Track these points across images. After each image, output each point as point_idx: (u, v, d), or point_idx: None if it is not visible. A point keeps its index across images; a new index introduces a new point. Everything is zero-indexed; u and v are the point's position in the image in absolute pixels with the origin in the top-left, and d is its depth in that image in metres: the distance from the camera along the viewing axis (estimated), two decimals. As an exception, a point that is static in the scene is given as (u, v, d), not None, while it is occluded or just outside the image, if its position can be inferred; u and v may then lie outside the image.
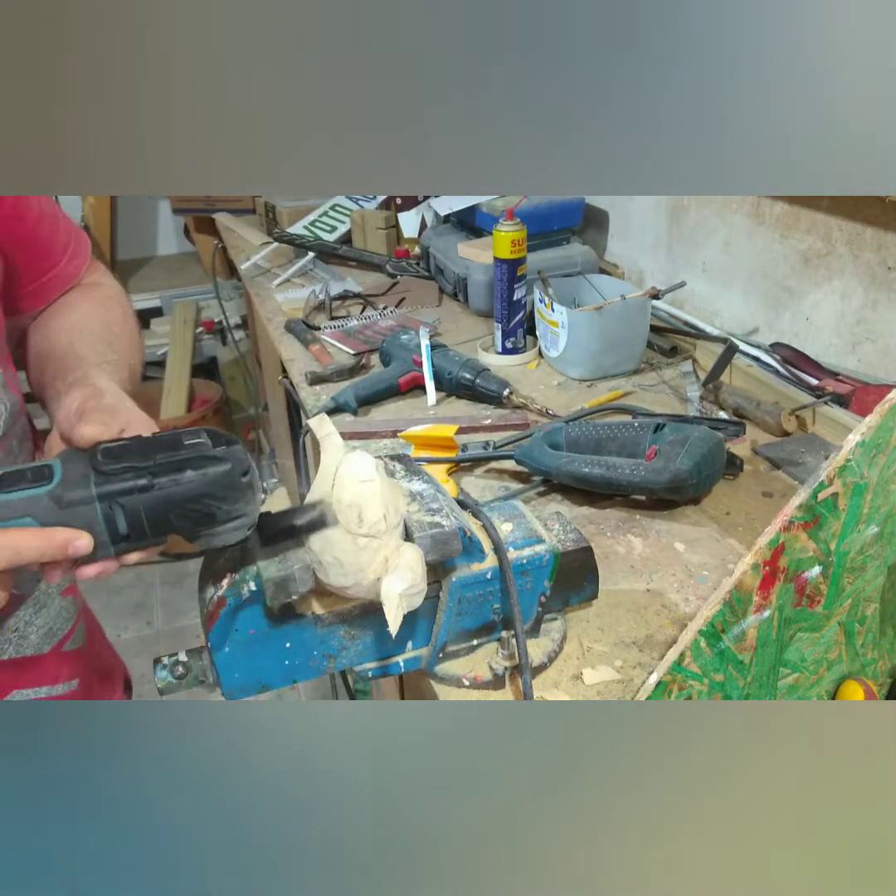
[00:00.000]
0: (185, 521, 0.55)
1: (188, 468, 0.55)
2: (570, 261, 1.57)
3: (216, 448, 0.56)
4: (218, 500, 0.55)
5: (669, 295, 1.40)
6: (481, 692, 0.71)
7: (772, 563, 0.61)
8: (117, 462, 0.54)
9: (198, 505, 0.55)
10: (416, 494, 0.68)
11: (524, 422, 1.18)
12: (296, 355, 1.47)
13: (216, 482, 0.55)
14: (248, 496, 0.57)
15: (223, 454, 0.56)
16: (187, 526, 0.56)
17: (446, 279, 1.68)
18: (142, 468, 0.54)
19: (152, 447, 0.55)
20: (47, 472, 0.53)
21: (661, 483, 0.91)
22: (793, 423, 1.11)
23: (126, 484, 0.54)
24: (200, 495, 0.55)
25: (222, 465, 0.55)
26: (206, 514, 0.55)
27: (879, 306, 1.11)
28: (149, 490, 0.54)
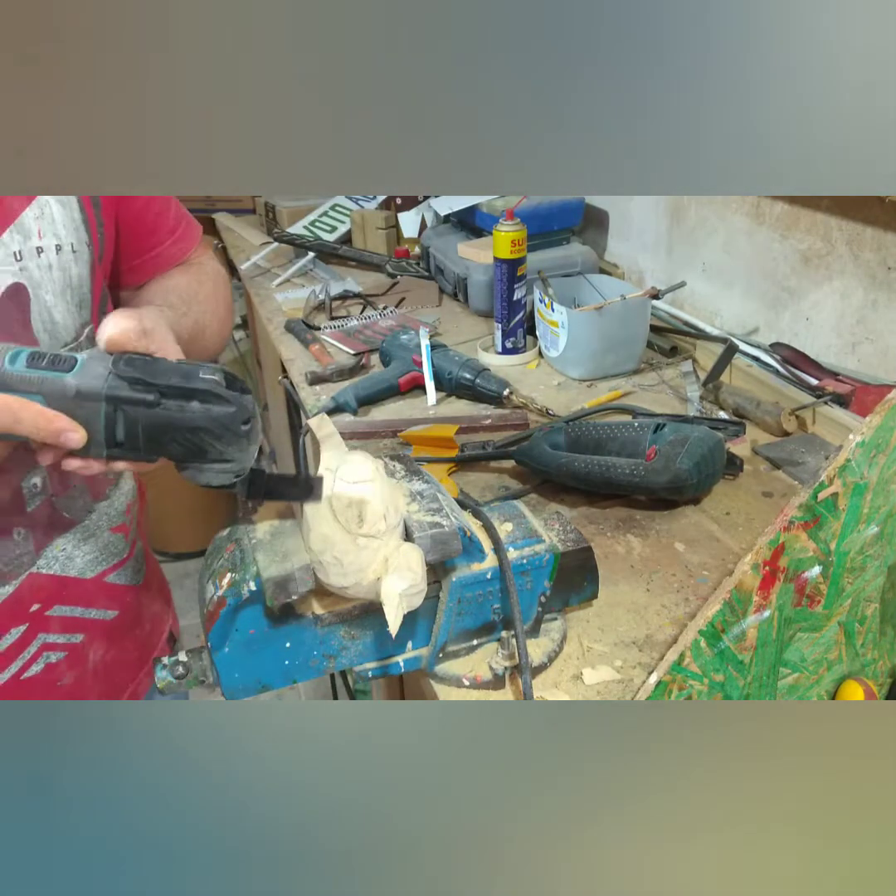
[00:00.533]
0: (178, 447, 0.58)
1: (195, 399, 0.57)
2: (570, 261, 1.57)
3: (228, 390, 0.58)
4: (213, 438, 0.58)
5: (669, 295, 1.40)
6: (481, 692, 0.71)
7: (772, 563, 0.61)
8: (134, 372, 0.57)
9: (194, 436, 0.58)
10: (416, 494, 0.68)
11: (524, 422, 1.18)
12: (296, 355, 1.47)
13: (217, 420, 0.57)
14: (243, 444, 0.59)
15: (231, 397, 0.58)
16: (178, 453, 0.58)
17: (446, 279, 1.68)
18: (153, 385, 0.57)
19: (170, 370, 0.58)
20: (71, 362, 0.57)
21: (661, 483, 0.91)
22: (793, 423, 1.11)
23: (134, 394, 0.57)
24: (199, 428, 0.57)
25: (227, 406, 0.58)
26: (199, 447, 0.58)
27: (879, 306, 1.11)
28: (153, 407, 0.57)
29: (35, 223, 0.69)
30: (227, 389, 0.58)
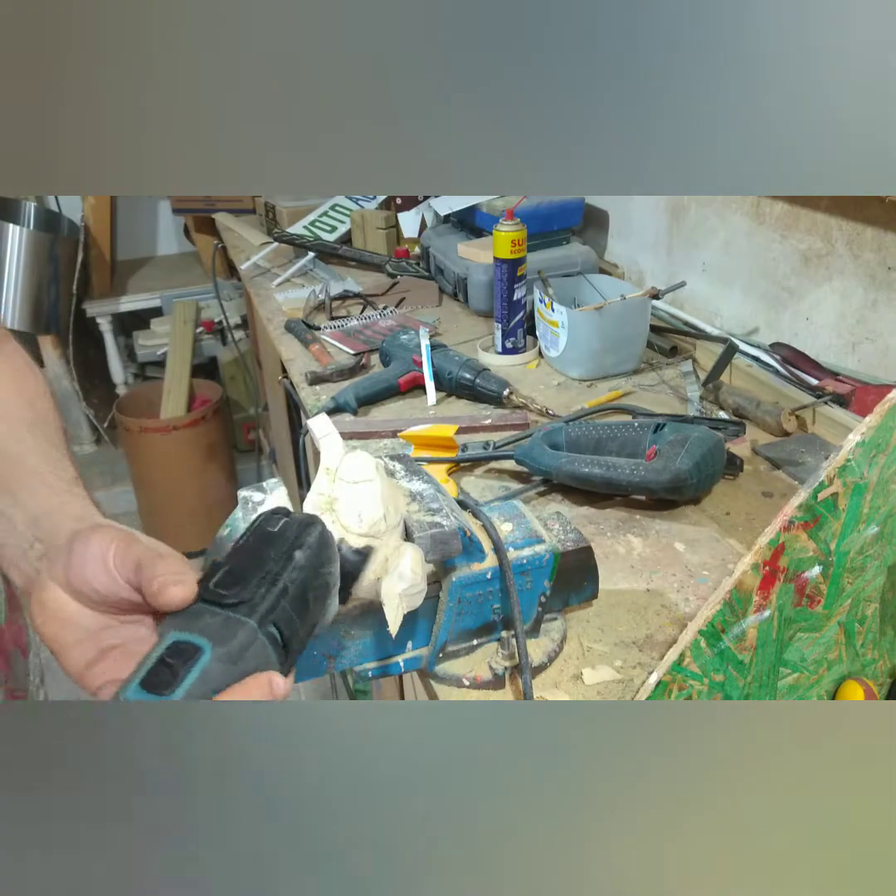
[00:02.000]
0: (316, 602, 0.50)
1: (295, 550, 0.49)
2: (570, 261, 1.57)
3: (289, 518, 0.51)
4: (329, 563, 0.52)
5: (669, 295, 1.40)
6: (481, 692, 0.71)
7: (772, 562, 0.61)
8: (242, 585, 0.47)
9: (318, 578, 0.50)
10: (416, 494, 0.68)
11: (524, 422, 1.18)
12: (296, 355, 1.47)
13: (322, 544, 0.51)
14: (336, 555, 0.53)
15: (308, 519, 0.51)
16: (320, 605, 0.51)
17: (446, 279, 1.68)
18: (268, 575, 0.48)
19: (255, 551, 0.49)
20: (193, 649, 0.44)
21: (661, 483, 0.91)
22: (793, 423, 1.11)
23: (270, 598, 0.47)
24: (319, 563, 0.50)
25: (315, 527, 0.51)
26: (326, 583, 0.51)
27: (879, 306, 1.11)
28: (287, 591, 0.48)
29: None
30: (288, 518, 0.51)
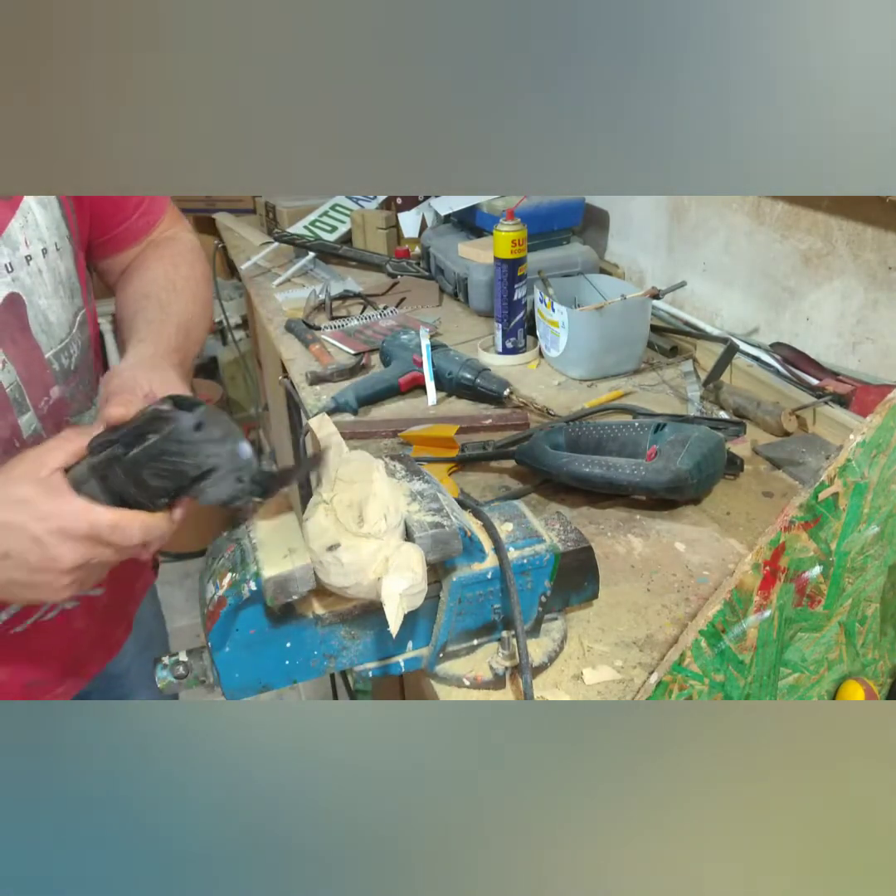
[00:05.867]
0: (161, 479, 0.60)
1: (149, 432, 0.60)
2: (570, 261, 1.57)
3: (176, 409, 0.60)
4: (178, 456, 0.59)
5: (670, 295, 1.40)
6: (481, 692, 0.71)
7: (772, 562, 0.61)
8: (102, 440, 0.61)
9: (164, 463, 0.60)
10: (416, 494, 0.68)
11: (524, 422, 1.18)
12: (296, 355, 1.47)
13: (169, 438, 0.59)
14: (208, 448, 0.60)
15: (174, 414, 0.60)
16: (168, 485, 0.60)
17: (446, 279, 1.68)
18: (112, 441, 0.60)
19: (129, 423, 0.61)
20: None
21: (662, 483, 0.91)
22: (793, 423, 1.11)
23: (103, 458, 0.60)
24: (162, 452, 0.59)
25: (170, 423, 0.60)
26: (176, 470, 0.60)
27: (880, 306, 1.11)
28: (123, 458, 0.59)
29: (21, 233, 0.71)
30: (175, 409, 0.60)
